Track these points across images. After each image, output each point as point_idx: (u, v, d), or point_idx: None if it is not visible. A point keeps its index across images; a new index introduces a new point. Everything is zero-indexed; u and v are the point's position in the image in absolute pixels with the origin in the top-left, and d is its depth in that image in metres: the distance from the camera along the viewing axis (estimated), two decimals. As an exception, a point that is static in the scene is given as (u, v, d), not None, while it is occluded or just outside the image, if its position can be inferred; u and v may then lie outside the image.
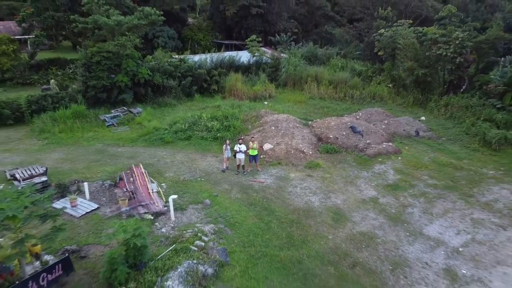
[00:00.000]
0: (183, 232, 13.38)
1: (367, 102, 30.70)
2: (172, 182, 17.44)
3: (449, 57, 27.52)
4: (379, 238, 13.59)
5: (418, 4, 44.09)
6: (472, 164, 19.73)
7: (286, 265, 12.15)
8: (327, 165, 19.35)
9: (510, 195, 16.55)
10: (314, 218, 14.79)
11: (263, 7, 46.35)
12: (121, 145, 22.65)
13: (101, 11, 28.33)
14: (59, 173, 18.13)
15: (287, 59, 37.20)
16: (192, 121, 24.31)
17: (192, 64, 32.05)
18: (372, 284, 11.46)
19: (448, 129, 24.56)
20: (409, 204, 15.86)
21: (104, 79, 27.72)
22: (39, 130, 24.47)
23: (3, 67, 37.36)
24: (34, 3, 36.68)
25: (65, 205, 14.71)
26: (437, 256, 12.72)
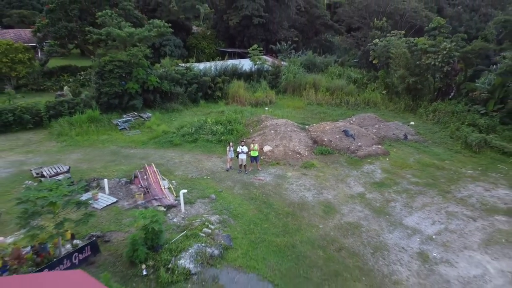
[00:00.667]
0: (192, 222, 15.38)
1: (361, 107, 32.73)
2: (181, 180, 19.46)
3: (438, 66, 29.54)
4: (363, 227, 15.55)
5: (412, 15, 46.13)
6: (453, 164, 21.69)
7: (282, 248, 14.11)
8: (321, 165, 21.34)
9: (483, 191, 18.50)
10: (307, 210, 16.77)
11: (264, 17, 48.54)
12: (133, 147, 24.72)
13: (113, 23, 30.49)
14: (79, 171, 20.20)
15: (287, 67, 39.27)
16: (198, 125, 26.37)
17: (197, 72, 34.17)
18: (355, 264, 13.41)
19: (435, 133, 26.55)
20: (392, 199, 17.82)
21: (116, 86, 29.83)
22: (57, 133, 26.57)
23: (19, 74, 39.66)
24: (49, 14, 38.89)
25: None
26: (413, 242, 14.66)
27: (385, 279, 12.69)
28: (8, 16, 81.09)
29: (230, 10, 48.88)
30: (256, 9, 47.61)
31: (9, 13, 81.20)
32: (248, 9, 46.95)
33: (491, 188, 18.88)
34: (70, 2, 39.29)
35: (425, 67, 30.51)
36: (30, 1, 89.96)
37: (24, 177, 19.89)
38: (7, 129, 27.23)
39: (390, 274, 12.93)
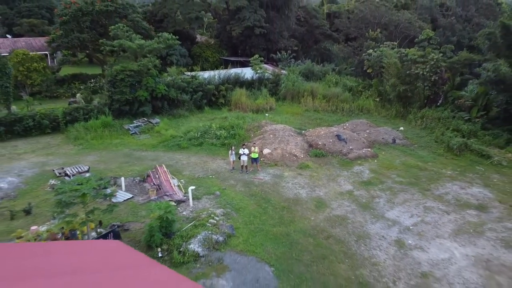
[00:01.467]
0: (200, 214, 17.61)
1: (355, 114, 34.96)
2: (189, 179, 21.70)
3: (426, 76, 31.78)
4: (349, 220, 17.73)
5: (406, 25, 48.44)
6: (435, 166, 23.86)
7: (277, 237, 16.30)
8: (315, 166, 23.56)
9: (459, 189, 20.65)
10: (301, 205, 18.97)
11: (266, 28, 50.99)
12: (144, 150, 27.01)
13: (125, 36, 32.94)
14: (97, 171, 22.45)
15: (286, 75, 41.61)
16: (203, 130, 28.66)
17: (202, 80, 36.54)
18: (340, 249, 15.58)
19: (421, 138, 28.74)
20: (377, 195, 20.00)
21: (127, 94, 32.22)
22: (74, 137, 28.93)
23: (34, 82, 42.18)
24: (63, 26, 41.44)
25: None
26: (392, 232, 16.83)
27: (365, 261, 14.85)
28: (19, 25, 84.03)
29: (233, 21, 51.37)
30: (258, 20, 50.10)
31: (20, 22, 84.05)
32: (250, 20, 49.43)
33: (466, 187, 21.04)
34: (82, 14, 41.91)
35: (414, 76, 32.74)
36: (39, 10, 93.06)
37: (48, 176, 22.20)
38: (28, 133, 29.61)
39: (370, 257, 15.09)
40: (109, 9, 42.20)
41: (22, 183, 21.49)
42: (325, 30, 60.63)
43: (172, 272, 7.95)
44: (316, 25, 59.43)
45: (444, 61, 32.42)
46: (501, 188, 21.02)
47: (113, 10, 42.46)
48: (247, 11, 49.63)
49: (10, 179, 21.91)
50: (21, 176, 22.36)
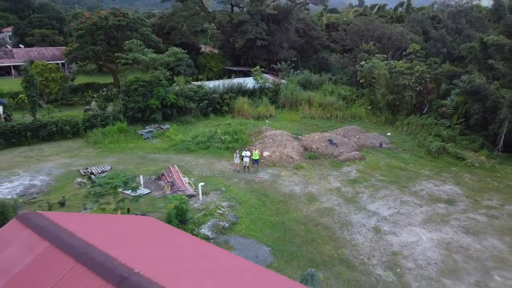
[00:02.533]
0: (208, 206, 20.73)
1: (348, 121, 38.11)
2: (198, 177, 24.84)
3: (412, 86, 34.93)
4: (335, 211, 20.80)
5: (399, 38, 51.60)
6: (415, 166, 26.94)
7: (274, 224, 19.38)
8: (308, 167, 26.67)
9: (433, 187, 23.71)
10: (295, 199, 22.06)
11: (266, 40, 54.35)
12: (156, 152, 30.20)
13: (138, 50, 36.30)
14: (118, 171, 25.61)
15: (285, 85, 44.85)
16: (209, 135, 31.84)
17: (208, 90, 39.81)
18: (326, 234, 18.64)
19: (406, 142, 31.84)
20: (361, 191, 23.08)
21: (139, 102, 35.50)
22: (93, 141, 32.18)
23: (52, 91, 45.54)
24: (79, 39, 44.85)
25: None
26: (371, 220, 19.88)
27: (346, 243, 17.91)
28: (31, 35, 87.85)
29: (236, 34, 54.77)
30: (259, 32, 53.48)
31: (32, 32, 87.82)
32: (252, 33, 52.81)
33: (440, 184, 24.09)
34: (97, 28, 45.37)
35: (402, 86, 35.87)
36: (50, 21, 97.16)
37: (74, 175, 25.40)
38: (51, 138, 32.89)
39: (351, 240, 18.15)
40: (121, 23, 45.63)
41: (52, 180, 24.70)
42: (323, 41, 63.98)
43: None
44: (315, 36, 62.79)
45: (428, 72, 35.59)
46: (470, 185, 24.08)
47: (125, 24, 45.90)
48: (249, 24, 53.04)
49: (41, 177, 25.14)
50: (50, 175, 25.57)
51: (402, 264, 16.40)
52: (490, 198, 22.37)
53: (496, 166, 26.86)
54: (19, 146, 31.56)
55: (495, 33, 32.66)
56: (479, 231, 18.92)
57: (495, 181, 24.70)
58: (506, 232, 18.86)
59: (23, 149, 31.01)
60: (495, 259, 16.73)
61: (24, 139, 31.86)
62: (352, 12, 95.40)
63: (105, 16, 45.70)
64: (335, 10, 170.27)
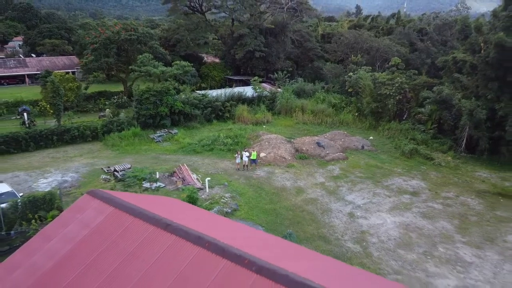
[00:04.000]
0: (214, 196, 25.15)
1: (336, 126, 42.61)
2: (204, 174, 29.26)
3: (392, 95, 39.47)
4: (319, 200, 25.23)
5: (386, 50, 56.28)
6: (390, 165, 31.41)
7: (268, 211, 23.79)
8: (298, 166, 31.14)
9: (402, 182, 28.16)
10: (286, 191, 26.50)
11: (264, 51, 59.02)
12: (167, 154, 34.65)
13: (149, 63, 40.89)
14: (137, 169, 30.06)
15: (281, 93, 49.41)
16: (213, 139, 36.31)
17: (211, 98, 44.36)
18: (310, 218, 23.04)
19: (385, 145, 36.32)
20: (341, 185, 27.52)
21: (151, 109, 40.01)
22: (111, 144, 36.63)
23: (69, 99, 50.04)
24: (94, 52, 49.42)
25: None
26: (347, 208, 24.30)
27: (325, 225, 22.32)
28: (41, 45, 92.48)
29: (236, 46, 59.48)
30: (258, 45, 58.17)
31: (43, 42, 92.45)
32: (251, 46, 57.50)
33: (408, 180, 28.56)
34: (110, 42, 49.94)
35: (384, 95, 40.43)
36: (59, 31, 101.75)
37: (99, 172, 29.79)
38: (74, 141, 37.34)
39: (329, 222, 22.57)
40: (132, 37, 50.24)
41: (81, 177, 29.11)
42: (317, 51, 68.64)
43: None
44: (310, 47, 67.46)
45: (408, 83, 40.17)
46: (434, 181, 28.54)
47: (135, 38, 50.51)
48: (248, 38, 57.74)
49: (71, 174, 29.57)
50: (78, 172, 29.99)
51: (368, 239, 20.83)
52: (449, 191, 26.83)
53: (459, 165, 31.34)
54: (46, 148, 36.00)
55: (462, 50, 37.20)
56: (434, 216, 23.36)
57: (456, 177, 29.17)
58: (455, 217, 23.30)
59: (50, 151, 35.46)
60: (442, 236, 21.16)
61: (51, 142, 36.32)
62: (347, 22, 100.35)
63: (117, 31, 50.31)
64: (333, 18, 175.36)
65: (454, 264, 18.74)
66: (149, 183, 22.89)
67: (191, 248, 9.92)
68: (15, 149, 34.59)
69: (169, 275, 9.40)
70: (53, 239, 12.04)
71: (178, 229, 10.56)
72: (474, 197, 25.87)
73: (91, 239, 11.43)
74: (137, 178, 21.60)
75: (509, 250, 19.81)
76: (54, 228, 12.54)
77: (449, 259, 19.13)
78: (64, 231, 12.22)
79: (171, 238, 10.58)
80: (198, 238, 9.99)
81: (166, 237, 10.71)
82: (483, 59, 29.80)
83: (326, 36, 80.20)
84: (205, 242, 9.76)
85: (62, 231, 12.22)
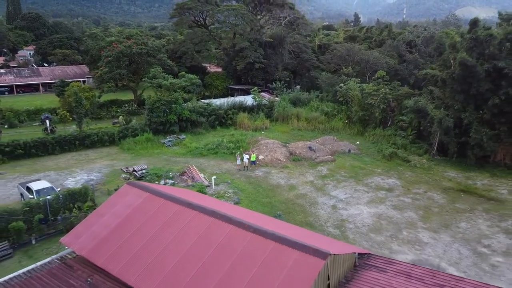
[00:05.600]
0: (219, 192, 29.80)
1: (328, 132, 47.30)
2: (210, 174, 33.91)
3: (377, 105, 44.19)
4: (308, 195, 29.86)
5: (375, 61, 61.11)
6: (371, 167, 36.06)
7: (264, 203, 28.41)
8: (292, 167, 35.81)
9: (380, 180, 32.80)
10: (280, 188, 31.15)
11: (263, 63, 63.89)
12: (177, 156, 39.32)
13: (160, 76, 45.72)
14: (153, 169, 34.72)
15: (279, 102, 54.16)
16: (217, 143, 41.01)
17: (215, 107, 49.14)
18: (299, 209, 27.65)
19: (369, 149, 41.00)
20: (328, 183, 32.17)
21: (161, 117, 44.75)
22: (126, 148, 41.34)
23: (85, 107, 54.77)
24: (108, 64, 54.25)
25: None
26: (331, 201, 28.91)
27: (312, 214, 26.93)
28: (53, 55, 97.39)
29: (237, 58, 64.40)
30: (257, 57, 63.08)
31: (54, 52, 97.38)
32: (251, 58, 62.42)
33: (386, 179, 33.20)
34: (122, 55, 54.81)
35: (370, 105, 45.16)
36: (68, 41, 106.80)
37: (119, 172, 34.44)
38: (93, 145, 42.03)
39: (315, 212, 27.19)
40: (142, 51, 55.15)
41: (103, 176, 33.81)
42: (313, 62, 73.50)
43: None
44: (306, 58, 72.33)
45: (391, 94, 44.92)
46: (407, 179, 33.19)
47: (146, 52, 55.42)
48: (249, 51, 62.67)
49: (95, 174, 34.27)
50: (101, 172, 34.69)
51: (346, 226, 25.46)
52: (419, 188, 31.47)
53: (432, 166, 36.00)
54: (69, 151, 40.73)
55: (435, 66, 41.96)
56: (403, 208, 28.00)
57: (427, 177, 33.81)
58: (421, 209, 27.92)
59: (73, 154, 40.18)
60: (407, 224, 25.78)
61: (73, 146, 41.07)
62: (343, 33, 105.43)
63: (129, 45, 55.22)
64: (331, 27, 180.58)
65: (413, 244, 23.37)
66: (163, 181, 27.50)
67: (207, 219, 14.87)
68: (42, 152, 39.31)
69: (193, 236, 14.38)
70: (105, 215, 17.15)
71: (197, 207, 15.56)
72: (439, 193, 30.51)
73: (134, 215, 16.50)
74: (156, 175, 26.16)
75: (460, 234, 24.43)
76: (105, 208, 17.66)
77: (410, 240, 23.75)
78: (113, 210, 17.35)
79: (193, 213, 15.55)
80: (212, 212, 14.98)
81: (188, 212, 15.69)
82: (451, 74, 34.52)
83: (322, 46, 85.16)
84: (217, 214, 14.65)
85: (112, 210, 17.34)
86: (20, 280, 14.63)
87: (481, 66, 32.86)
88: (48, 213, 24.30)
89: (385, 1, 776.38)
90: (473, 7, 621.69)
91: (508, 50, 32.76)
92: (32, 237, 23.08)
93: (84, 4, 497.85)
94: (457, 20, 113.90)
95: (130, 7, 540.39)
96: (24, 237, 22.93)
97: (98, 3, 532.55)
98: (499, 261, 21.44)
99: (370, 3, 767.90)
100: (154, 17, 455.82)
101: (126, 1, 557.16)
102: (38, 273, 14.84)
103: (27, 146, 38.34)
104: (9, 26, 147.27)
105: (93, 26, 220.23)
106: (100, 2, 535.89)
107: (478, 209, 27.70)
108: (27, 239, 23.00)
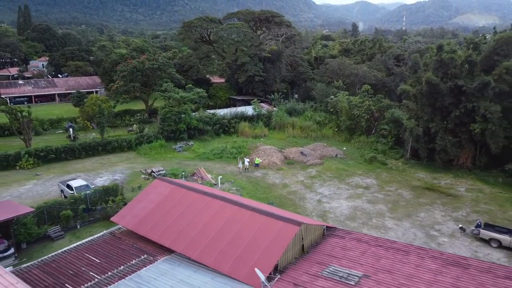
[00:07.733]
0: (224, 189, 35.90)
1: (319, 139, 53.45)
2: (216, 174, 40.01)
3: (362, 115, 50.37)
4: (298, 192, 35.95)
5: (365, 75, 67.40)
6: (354, 169, 42.16)
7: (262, 199, 34.46)
8: (286, 169, 41.94)
9: (360, 180, 38.89)
10: (275, 186, 37.25)
11: (263, 76, 70.29)
12: (187, 160, 45.48)
13: (172, 90, 52.04)
14: (172, 169, 40.86)
15: (276, 112, 60.41)
16: (221, 149, 47.18)
17: (219, 117, 55.40)
18: (291, 203, 33.72)
19: (354, 154, 47.15)
20: (316, 182, 38.26)
21: (172, 126, 50.97)
22: (143, 153, 47.52)
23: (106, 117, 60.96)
24: (123, 78, 60.64)
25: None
26: (317, 196, 34.99)
27: (301, 207, 32.99)
28: (66, 66, 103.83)
29: (239, 71, 70.85)
30: (257, 71, 69.51)
31: (67, 63, 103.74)
32: (251, 71, 68.85)
33: (365, 179, 39.28)
34: (136, 70, 61.21)
35: (356, 115, 51.35)
36: (80, 53, 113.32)
37: (138, 174, 40.58)
38: (113, 151, 48.22)
39: (303, 205, 33.26)
40: (154, 66, 61.59)
41: (126, 176, 39.94)
42: (309, 74, 79.84)
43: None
44: (302, 71, 78.74)
45: (374, 105, 51.13)
46: (383, 179, 39.28)
47: (157, 67, 61.86)
48: (249, 65, 69.12)
49: (118, 175, 40.42)
50: (123, 173, 40.84)
51: (328, 215, 31.53)
52: (391, 186, 37.55)
53: (406, 168, 42.11)
54: (93, 156, 46.90)
55: (410, 82, 48.20)
56: (375, 202, 34.06)
57: (400, 177, 39.91)
58: (390, 202, 33.99)
59: (96, 158, 46.35)
60: (377, 214, 31.84)
61: (96, 152, 47.25)
62: (338, 45, 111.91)
63: (142, 60, 61.65)
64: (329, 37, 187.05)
65: (380, 228, 29.44)
66: (182, 178, 33.62)
67: (219, 202, 21.10)
68: (70, 157, 45.51)
69: (208, 215, 20.65)
70: (142, 201, 23.55)
71: (211, 194, 21.89)
72: (408, 190, 36.60)
73: (164, 201, 22.81)
74: (174, 174, 32.18)
75: (418, 221, 30.49)
76: (142, 196, 24.01)
77: (378, 226, 29.82)
78: (148, 197, 23.72)
79: (208, 199, 21.85)
80: (222, 197, 21.30)
81: (205, 198, 21.98)
82: (420, 90, 40.73)
83: (318, 59, 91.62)
84: (226, 199, 20.90)
85: (147, 197, 23.70)
86: (84, 246, 20.79)
87: (444, 84, 39.06)
88: (88, 205, 30.44)
89: (385, 8, 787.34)
90: (472, 14, 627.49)
91: (467, 71, 38.98)
92: (78, 223, 29.22)
93: (87, 12, 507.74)
94: (455, 29, 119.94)
95: (133, 14, 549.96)
96: (71, 222, 29.07)
97: (101, 10, 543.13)
98: (444, 241, 27.50)
99: (371, 11, 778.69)
100: (156, 24, 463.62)
101: (129, 8, 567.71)
102: (96, 241, 21.00)
103: (58, 151, 44.58)
104: (21, 38, 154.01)
105: (98, 34, 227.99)
106: (102, 10, 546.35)
107: (437, 203, 33.78)
108: (73, 224, 29.13)
